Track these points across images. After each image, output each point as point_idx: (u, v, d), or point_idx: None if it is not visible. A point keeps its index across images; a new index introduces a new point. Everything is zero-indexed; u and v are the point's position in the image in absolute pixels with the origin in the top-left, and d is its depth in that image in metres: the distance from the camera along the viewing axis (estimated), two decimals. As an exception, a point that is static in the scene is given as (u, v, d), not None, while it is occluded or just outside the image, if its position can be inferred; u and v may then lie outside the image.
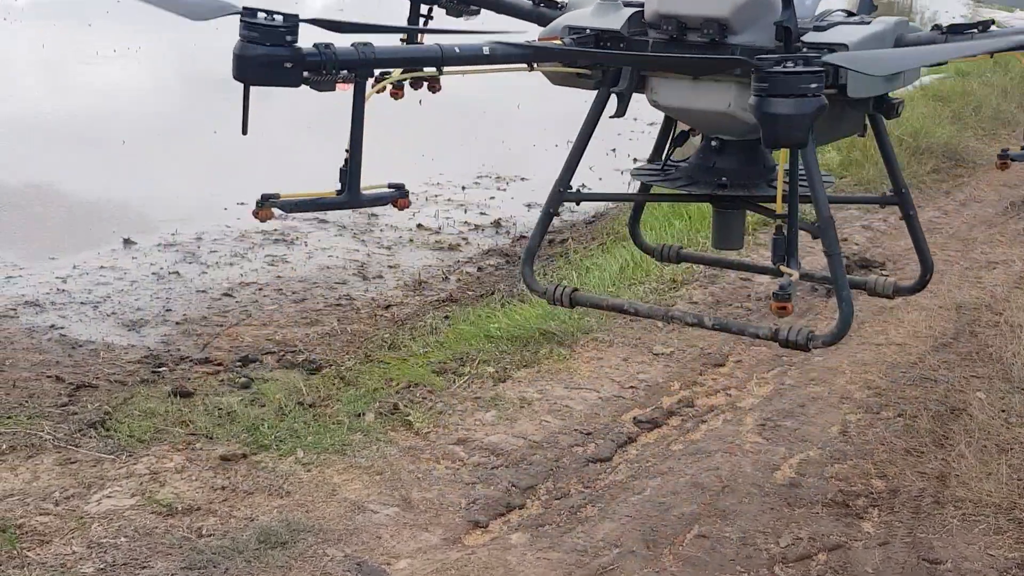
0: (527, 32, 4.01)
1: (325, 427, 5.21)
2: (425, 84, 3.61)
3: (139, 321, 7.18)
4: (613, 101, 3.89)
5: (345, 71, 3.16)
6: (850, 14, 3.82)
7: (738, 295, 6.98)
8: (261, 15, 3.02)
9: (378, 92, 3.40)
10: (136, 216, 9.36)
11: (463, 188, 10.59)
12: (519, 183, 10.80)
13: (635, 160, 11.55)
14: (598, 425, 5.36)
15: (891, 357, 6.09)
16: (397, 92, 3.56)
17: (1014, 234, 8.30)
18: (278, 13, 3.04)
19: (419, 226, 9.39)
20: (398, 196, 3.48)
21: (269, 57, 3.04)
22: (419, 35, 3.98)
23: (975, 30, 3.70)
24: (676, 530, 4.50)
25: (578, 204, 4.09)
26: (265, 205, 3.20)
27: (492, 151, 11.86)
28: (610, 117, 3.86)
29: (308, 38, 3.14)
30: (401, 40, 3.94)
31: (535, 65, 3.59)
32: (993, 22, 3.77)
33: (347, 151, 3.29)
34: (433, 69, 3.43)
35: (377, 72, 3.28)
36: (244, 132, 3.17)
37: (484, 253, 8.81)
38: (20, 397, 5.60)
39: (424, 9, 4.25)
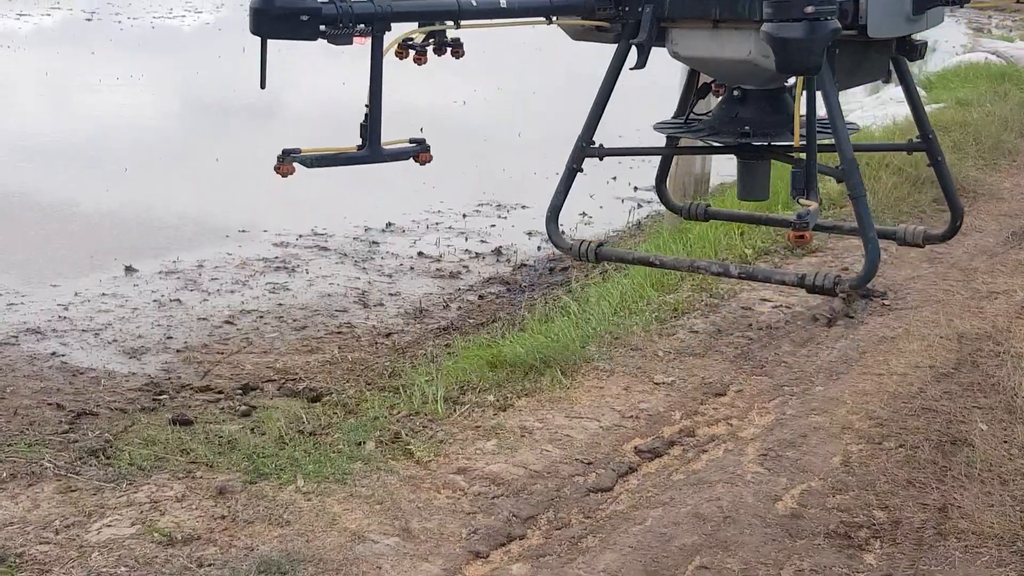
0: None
1: (325, 456, 5.19)
2: (449, 50, 3.59)
3: (140, 349, 7.19)
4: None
5: (361, 25, 3.16)
6: None
7: (739, 323, 6.98)
8: None
9: (400, 57, 3.37)
10: (137, 243, 9.39)
11: (464, 216, 10.62)
12: (520, 211, 10.83)
13: (635, 188, 11.58)
14: (599, 455, 5.34)
15: (892, 387, 6.07)
16: (420, 59, 3.54)
17: (1015, 264, 8.29)
18: None
19: (420, 254, 9.41)
20: (419, 151, 3.45)
21: (285, 10, 3.03)
22: None
23: None
24: (677, 561, 4.47)
25: (601, 159, 4.07)
26: (287, 160, 3.19)
27: (493, 179, 11.91)
28: (630, 69, 3.82)
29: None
30: None
31: (554, 19, 3.56)
32: None
33: (367, 106, 3.28)
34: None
35: (394, 27, 3.27)
36: (263, 86, 3.14)
37: (485, 281, 8.83)
38: (21, 425, 5.60)
39: None
